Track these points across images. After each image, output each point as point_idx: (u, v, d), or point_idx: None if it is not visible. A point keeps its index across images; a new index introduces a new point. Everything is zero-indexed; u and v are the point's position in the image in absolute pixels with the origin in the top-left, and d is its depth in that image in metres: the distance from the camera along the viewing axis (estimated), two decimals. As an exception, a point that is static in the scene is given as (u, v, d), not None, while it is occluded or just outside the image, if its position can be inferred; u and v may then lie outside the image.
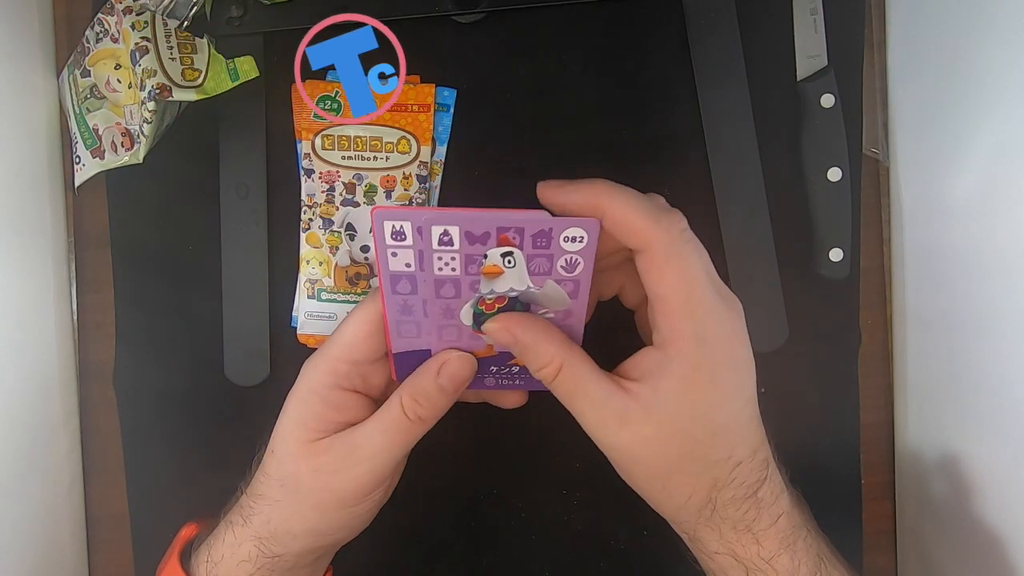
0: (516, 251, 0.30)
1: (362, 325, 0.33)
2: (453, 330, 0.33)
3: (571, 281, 0.31)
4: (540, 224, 0.29)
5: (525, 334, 0.32)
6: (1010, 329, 0.38)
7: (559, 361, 0.32)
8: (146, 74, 0.41)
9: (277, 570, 0.34)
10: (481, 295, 0.32)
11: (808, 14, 0.46)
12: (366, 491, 0.34)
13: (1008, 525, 0.39)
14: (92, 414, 0.49)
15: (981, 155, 0.40)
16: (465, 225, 0.29)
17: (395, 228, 0.29)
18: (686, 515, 0.33)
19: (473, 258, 0.30)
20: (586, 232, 0.29)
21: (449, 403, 0.34)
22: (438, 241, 0.29)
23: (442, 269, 0.30)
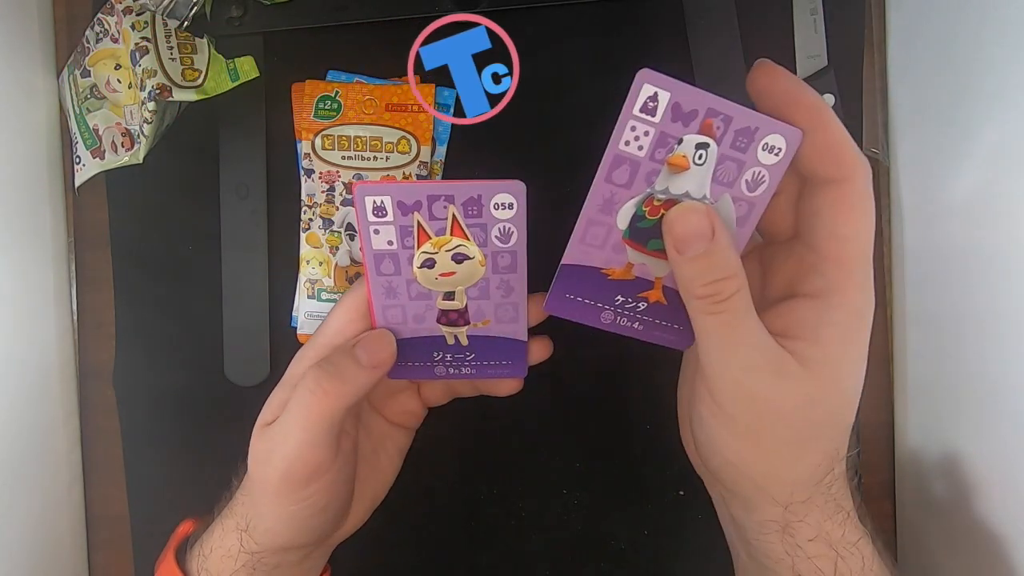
0: (712, 145, 0.27)
1: (347, 311, 0.33)
2: (601, 231, 0.29)
3: (746, 202, 0.28)
4: (749, 119, 0.27)
5: (722, 232, 0.27)
6: (1010, 329, 0.38)
7: (741, 280, 0.28)
8: (146, 74, 0.41)
9: (261, 568, 0.34)
10: (653, 192, 0.28)
11: (808, 14, 0.46)
12: (295, 479, 0.31)
13: (1008, 525, 0.39)
14: (92, 414, 0.49)
15: (981, 155, 0.40)
16: (677, 94, 0.26)
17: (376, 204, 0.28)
18: (802, 491, 0.30)
19: (667, 139, 0.27)
20: (787, 142, 0.27)
21: (369, 377, 0.31)
22: (641, 107, 0.27)
23: (628, 143, 0.27)
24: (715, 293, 0.28)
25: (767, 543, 0.31)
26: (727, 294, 0.27)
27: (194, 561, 0.34)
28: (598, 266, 0.30)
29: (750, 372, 0.28)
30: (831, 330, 0.28)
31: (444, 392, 0.39)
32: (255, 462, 0.32)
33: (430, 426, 0.40)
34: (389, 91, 0.46)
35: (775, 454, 0.29)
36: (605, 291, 0.31)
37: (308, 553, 0.36)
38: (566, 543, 0.48)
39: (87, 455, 0.49)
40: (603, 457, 0.48)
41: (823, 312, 0.28)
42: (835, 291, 0.28)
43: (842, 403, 0.29)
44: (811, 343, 0.28)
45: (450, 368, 0.35)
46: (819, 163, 0.28)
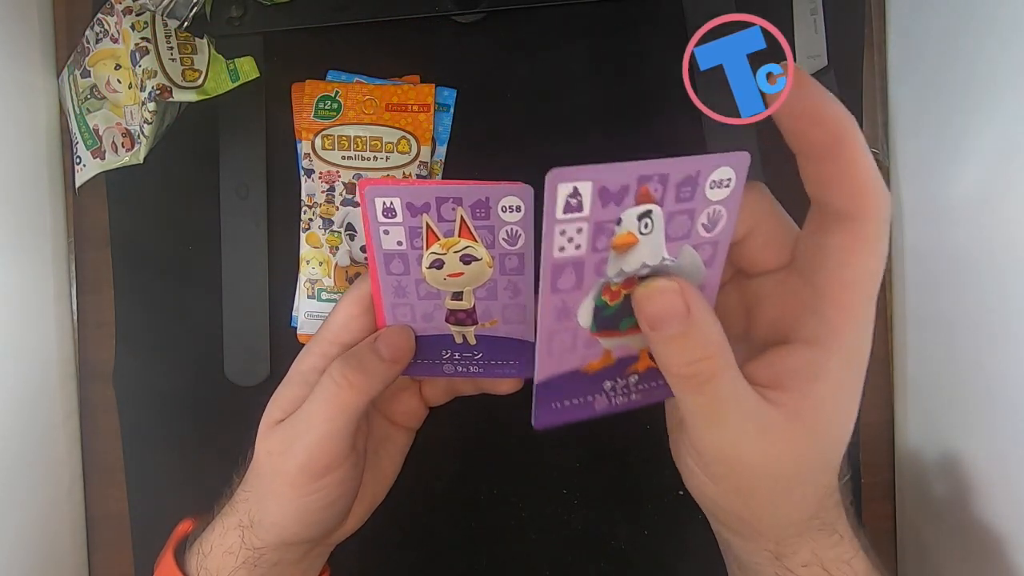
0: (655, 209, 0.25)
1: (351, 306, 0.33)
2: (566, 337, 0.27)
3: (710, 244, 0.26)
4: (686, 168, 0.25)
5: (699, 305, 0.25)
6: (1010, 329, 0.38)
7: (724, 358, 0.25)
8: (146, 75, 0.41)
9: (261, 565, 0.34)
10: (606, 280, 0.26)
11: (808, 14, 0.46)
12: (312, 470, 0.31)
13: (1008, 525, 0.39)
14: (92, 414, 0.49)
15: (981, 155, 0.40)
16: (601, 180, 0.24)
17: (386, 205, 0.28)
18: (791, 529, 0.29)
19: (604, 226, 0.24)
20: (734, 170, 0.25)
21: (389, 372, 0.32)
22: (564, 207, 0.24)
23: (563, 248, 0.24)
24: (696, 374, 0.26)
25: (759, 567, 0.31)
26: (709, 374, 0.25)
27: (193, 560, 0.34)
28: (576, 368, 0.28)
29: (736, 440, 0.27)
30: (825, 382, 0.26)
31: (445, 391, 0.39)
32: (269, 454, 0.32)
33: (430, 426, 0.40)
34: (389, 91, 0.46)
35: (764, 507, 0.29)
36: (591, 384, 0.30)
37: (308, 551, 0.36)
38: (566, 543, 0.48)
39: (87, 455, 0.49)
40: (603, 457, 0.48)
41: (819, 362, 0.26)
42: (833, 338, 0.26)
43: (831, 447, 0.28)
44: (802, 396, 0.26)
45: (458, 366, 0.34)
46: (835, 193, 0.25)
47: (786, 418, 0.26)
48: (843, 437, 0.28)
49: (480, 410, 0.47)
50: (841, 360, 0.26)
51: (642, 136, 0.47)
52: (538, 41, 0.47)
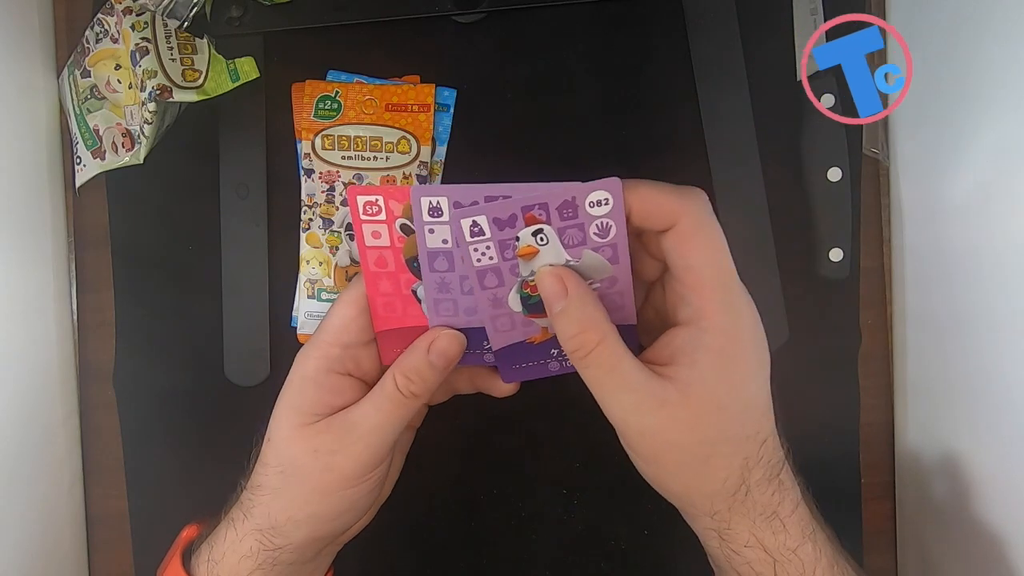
0: (546, 227, 0.30)
1: (349, 308, 0.34)
2: (506, 319, 0.33)
3: (608, 247, 0.31)
4: (562, 195, 0.29)
5: (577, 288, 0.31)
6: (1010, 329, 0.38)
7: (601, 332, 0.30)
8: (146, 75, 0.41)
9: (279, 564, 0.34)
10: (523, 278, 0.32)
11: (808, 14, 0.46)
12: (366, 469, 0.34)
13: (1008, 525, 0.39)
14: (92, 414, 0.49)
15: (981, 155, 0.40)
16: (491, 212, 0.29)
17: (432, 204, 0.30)
18: (720, 502, 0.32)
19: (506, 243, 0.30)
20: (609, 193, 0.29)
21: (439, 379, 0.34)
22: (470, 233, 0.30)
23: (480, 260, 0.31)
24: (580, 347, 0.31)
25: (711, 547, 0.34)
26: (590, 346, 0.30)
27: (202, 567, 0.35)
28: (521, 339, 0.34)
29: (633, 413, 0.31)
30: (704, 353, 0.30)
31: (445, 390, 0.39)
32: (317, 452, 0.33)
33: (431, 426, 0.40)
34: (389, 91, 0.46)
35: (680, 475, 0.32)
36: (540, 351, 0.35)
37: (320, 550, 0.37)
38: (566, 543, 0.48)
39: (87, 455, 0.49)
40: (603, 457, 0.48)
41: (694, 337, 0.31)
42: (700, 316, 0.31)
43: (730, 416, 0.31)
44: (688, 367, 0.30)
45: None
46: (647, 222, 0.31)
47: (679, 390, 0.30)
48: (743, 407, 0.31)
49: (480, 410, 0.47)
50: (715, 334, 0.30)
51: (642, 136, 0.47)
52: (538, 41, 0.47)
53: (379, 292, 0.33)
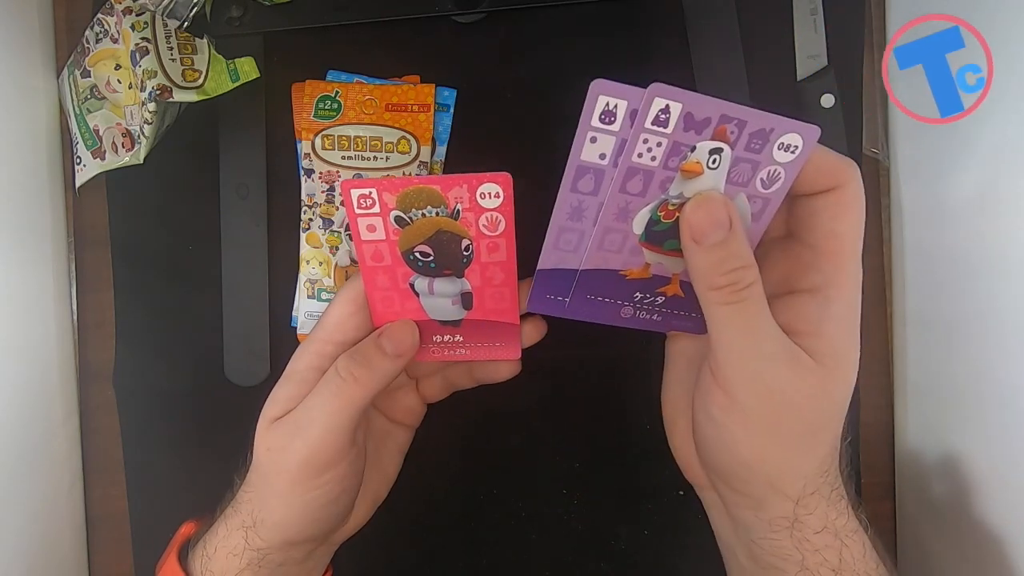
0: (726, 149, 0.28)
1: (346, 305, 0.33)
2: (618, 237, 0.30)
3: (762, 199, 0.29)
4: (763, 121, 0.27)
5: (739, 223, 0.29)
6: (1010, 329, 0.38)
7: (756, 274, 0.29)
8: (146, 75, 0.41)
9: (266, 566, 0.34)
10: (667, 198, 0.29)
11: (808, 14, 0.46)
12: (315, 469, 0.32)
13: (1008, 525, 0.39)
14: (92, 414, 0.49)
15: (981, 155, 0.40)
16: (689, 105, 0.27)
17: (608, 106, 0.28)
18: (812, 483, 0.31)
19: (679, 148, 0.28)
20: (803, 140, 0.28)
21: (391, 367, 0.33)
22: (653, 119, 0.27)
23: (641, 155, 0.28)
24: (734, 282, 0.28)
25: (775, 541, 0.31)
26: (745, 283, 0.28)
27: (197, 562, 0.34)
28: (616, 268, 0.32)
29: (769, 363, 0.29)
30: (833, 324, 0.29)
31: (442, 387, 0.39)
32: (270, 451, 0.33)
33: (430, 426, 0.40)
34: (389, 91, 0.46)
35: (790, 447, 0.30)
36: (624, 290, 0.32)
37: (312, 551, 0.36)
38: (566, 543, 0.48)
39: (87, 455, 0.49)
40: (603, 457, 0.48)
41: (823, 307, 0.29)
42: (833, 286, 0.29)
43: (846, 393, 0.30)
44: (816, 337, 0.29)
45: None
46: (816, 181, 0.29)
47: (809, 355, 0.29)
48: (852, 379, 0.30)
49: (480, 409, 0.47)
50: (842, 305, 0.29)
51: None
52: (538, 41, 0.47)
53: (376, 287, 0.33)
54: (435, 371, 0.39)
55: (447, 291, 0.33)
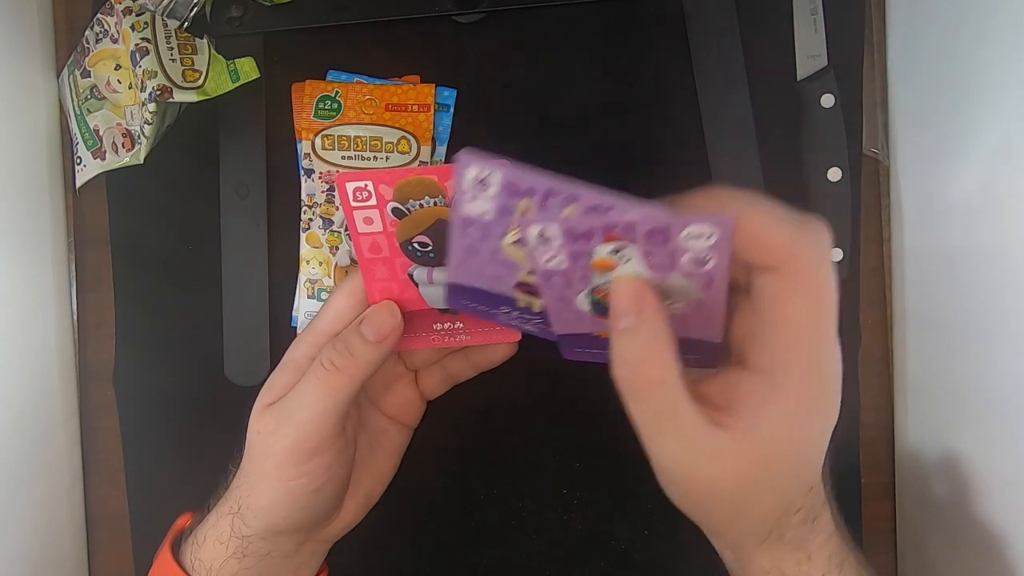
0: (628, 246, 0.26)
1: (345, 298, 0.34)
2: (572, 314, 0.30)
3: (701, 275, 0.27)
4: (652, 222, 0.25)
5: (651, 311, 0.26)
6: (1010, 329, 0.38)
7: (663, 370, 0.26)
8: (147, 75, 0.41)
9: (251, 555, 0.34)
10: (596, 286, 0.28)
11: (808, 14, 0.46)
12: (301, 451, 0.32)
13: (1008, 525, 0.39)
14: (92, 414, 0.49)
15: (981, 155, 0.40)
16: (566, 224, 0.26)
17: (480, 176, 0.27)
18: (749, 539, 0.30)
19: (579, 254, 0.27)
20: (717, 230, 0.25)
21: (375, 354, 0.32)
22: (537, 239, 0.26)
23: (549, 262, 0.27)
24: (633, 378, 0.27)
25: (727, 560, 0.32)
26: (646, 381, 0.26)
27: (188, 551, 0.35)
28: (588, 332, 0.31)
29: (679, 461, 0.28)
30: (773, 413, 0.27)
31: (442, 381, 0.39)
32: (259, 435, 0.33)
33: (429, 426, 0.40)
34: (389, 91, 0.46)
35: (716, 519, 0.30)
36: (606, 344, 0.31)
37: (299, 544, 0.36)
38: (566, 543, 0.48)
39: (87, 455, 0.49)
40: (603, 457, 0.48)
41: (764, 392, 0.27)
42: (779, 372, 0.27)
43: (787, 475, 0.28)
44: (750, 424, 0.27)
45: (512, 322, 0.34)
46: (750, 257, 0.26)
47: (736, 443, 0.27)
48: (803, 465, 0.28)
49: (480, 409, 0.47)
50: (789, 393, 0.27)
51: (642, 136, 0.47)
52: (538, 41, 0.47)
53: (375, 278, 0.33)
54: (434, 361, 0.39)
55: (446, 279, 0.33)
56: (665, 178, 0.46)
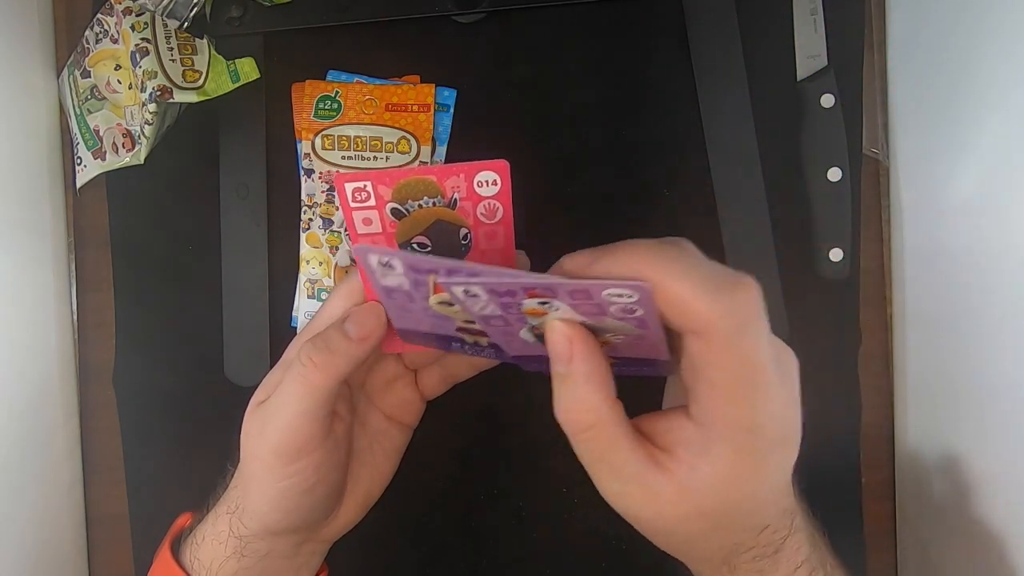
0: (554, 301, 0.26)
1: (343, 300, 0.33)
2: (519, 343, 0.29)
3: (634, 318, 0.26)
4: (572, 286, 0.25)
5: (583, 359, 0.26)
6: (1010, 329, 0.38)
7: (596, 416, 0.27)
8: (147, 75, 0.41)
9: (249, 555, 0.34)
10: (532, 324, 0.28)
11: (808, 14, 0.46)
12: (285, 452, 0.32)
13: (1008, 525, 0.39)
14: (92, 414, 0.49)
15: (981, 155, 0.40)
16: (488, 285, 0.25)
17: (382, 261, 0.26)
18: (704, 569, 0.31)
19: (509, 305, 0.26)
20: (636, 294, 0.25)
21: (358, 350, 0.32)
22: (463, 294, 0.26)
23: (482, 311, 0.27)
24: (570, 424, 0.27)
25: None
26: (581, 427, 0.27)
27: (188, 550, 0.35)
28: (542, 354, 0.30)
29: (619, 498, 0.29)
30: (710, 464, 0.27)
31: (442, 380, 0.38)
32: (248, 437, 0.33)
33: (429, 426, 0.40)
34: (389, 91, 0.46)
35: (668, 548, 0.31)
36: None
37: (298, 544, 0.36)
38: (566, 543, 0.48)
39: (87, 455, 0.49)
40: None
41: (703, 444, 0.27)
42: (713, 424, 0.26)
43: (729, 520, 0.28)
44: (689, 469, 0.27)
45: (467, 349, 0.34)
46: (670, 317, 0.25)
47: (674, 486, 0.27)
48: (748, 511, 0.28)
49: (480, 409, 0.47)
50: (726, 447, 0.26)
51: (642, 135, 0.47)
52: (538, 41, 0.47)
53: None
54: (433, 361, 0.39)
55: None
56: (665, 178, 0.47)
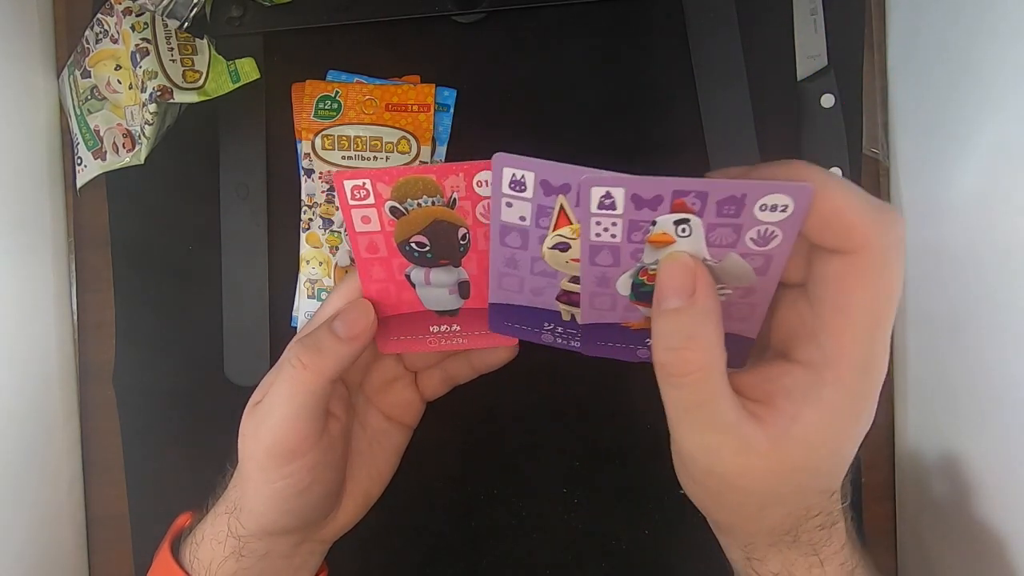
0: (693, 218, 0.25)
1: (342, 301, 0.33)
2: (607, 299, 0.29)
3: (761, 256, 0.26)
4: (729, 190, 0.24)
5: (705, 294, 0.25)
6: (1010, 329, 0.38)
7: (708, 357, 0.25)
8: (147, 75, 0.41)
9: (247, 555, 0.34)
10: (644, 265, 0.27)
11: (808, 14, 0.46)
12: (278, 453, 0.31)
13: (1008, 525, 0.39)
14: (92, 414, 0.49)
15: (981, 154, 0.40)
16: (632, 188, 0.25)
17: (515, 177, 0.26)
18: (762, 540, 0.29)
19: (638, 224, 0.26)
20: (792, 201, 0.24)
21: (347, 349, 0.32)
22: (598, 204, 0.25)
23: (599, 235, 0.26)
24: (675, 364, 0.26)
25: (734, 559, 0.32)
26: (688, 368, 0.25)
27: (187, 550, 0.35)
28: (617, 321, 0.30)
29: (709, 453, 0.27)
30: (815, 409, 0.26)
31: (441, 380, 0.38)
32: (244, 437, 0.33)
33: (429, 426, 0.40)
34: (389, 91, 0.46)
35: (734, 515, 0.29)
36: (634, 337, 0.31)
37: (296, 544, 0.36)
38: (566, 543, 0.48)
39: (87, 455, 0.49)
40: (603, 457, 0.48)
41: (811, 388, 0.26)
42: (829, 367, 0.26)
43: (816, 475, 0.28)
44: (790, 419, 0.26)
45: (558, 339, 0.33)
46: (823, 238, 0.25)
47: (769, 439, 0.26)
48: (833, 467, 0.28)
49: (480, 409, 0.47)
50: (837, 390, 0.26)
51: (642, 135, 0.47)
52: (538, 41, 0.47)
53: (372, 279, 0.33)
54: (434, 363, 0.39)
55: (444, 281, 0.33)
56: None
